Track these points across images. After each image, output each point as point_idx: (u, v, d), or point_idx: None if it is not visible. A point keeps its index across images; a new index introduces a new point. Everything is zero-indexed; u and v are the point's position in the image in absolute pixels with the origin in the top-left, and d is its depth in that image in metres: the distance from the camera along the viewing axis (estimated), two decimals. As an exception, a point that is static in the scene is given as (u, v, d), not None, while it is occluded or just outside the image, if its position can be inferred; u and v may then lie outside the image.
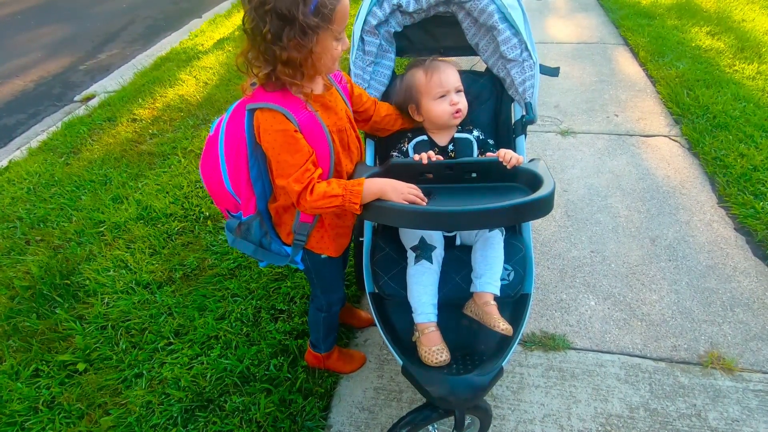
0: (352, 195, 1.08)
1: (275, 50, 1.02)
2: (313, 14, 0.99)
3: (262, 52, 1.04)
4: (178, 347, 1.88)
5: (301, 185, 1.09)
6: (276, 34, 1.00)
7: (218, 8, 5.95)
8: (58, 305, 2.10)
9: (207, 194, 2.66)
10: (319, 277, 1.45)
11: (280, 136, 1.09)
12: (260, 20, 0.99)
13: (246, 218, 1.25)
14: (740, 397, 1.63)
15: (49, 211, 2.65)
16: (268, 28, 0.99)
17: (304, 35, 1.00)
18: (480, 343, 1.26)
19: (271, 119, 1.09)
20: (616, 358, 1.78)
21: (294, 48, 1.01)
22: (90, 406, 1.71)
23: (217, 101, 3.63)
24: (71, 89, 4.28)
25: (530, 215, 1.11)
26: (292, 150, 1.09)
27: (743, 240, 2.23)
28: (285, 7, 0.96)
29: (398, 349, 1.24)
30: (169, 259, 2.28)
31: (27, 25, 5.83)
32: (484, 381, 1.13)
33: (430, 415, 1.21)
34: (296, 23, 0.98)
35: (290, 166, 1.09)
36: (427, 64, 1.41)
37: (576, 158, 2.85)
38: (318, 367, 1.76)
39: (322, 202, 1.09)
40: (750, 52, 3.80)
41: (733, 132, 2.87)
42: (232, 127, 1.17)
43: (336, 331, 1.69)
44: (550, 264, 2.18)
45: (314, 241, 1.31)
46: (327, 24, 1.02)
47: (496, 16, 1.42)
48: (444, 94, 1.38)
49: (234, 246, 1.31)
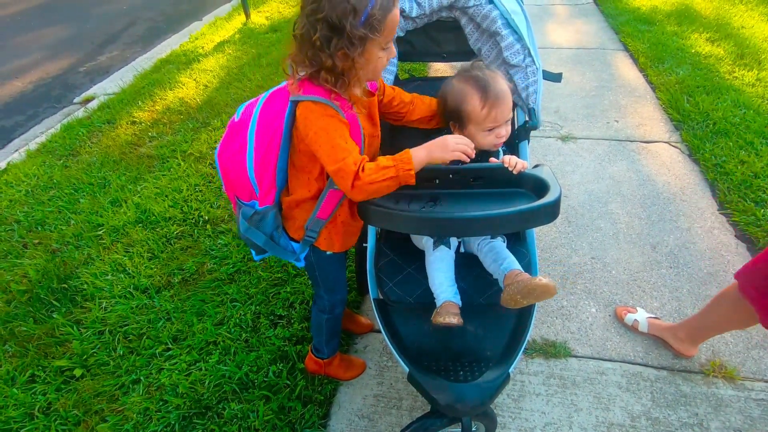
0: (402, 162, 1.08)
1: (321, 57, 1.04)
2: (363, 25, 1.01)
3: (309, 57, 1.06)
4: (177, 353, 1.87)
5: (355, 165, 1.08)
6: (324, 42, 1.02)
7: (218, 11, 5.95)
8: (55, 310, 2.08)
9: (206, 198, 2.65)
10: (322, 275, 1.44)
11: (332, 122, 1.09)
12: (311, 27, 1.02)
13: (262, 208, 1.24)
14: (742, 406, 1.62)
15: (47, 214, 2.63)
16: (318, 35, 1.01)
17: (351, 45, 1.02)
18: (486, 349, 1.25)
19: (321, 109, 1.09)
20: (617, 366, 1.77)
21: (340, 57, 1.04)
22: (87, 413, 1.69)
23: (217, 104, 3.62)
24: (70, 91, 4.26)
25: (537, 221, 1.11)
26: (344, 136, 1.10)
27: (744, 247, 2.22)
28: (336, 17, 0.99)
29: (404, 356, 1.23)
30: (168, 264, 2.27)
31: (27, 27, 5.82)
32: (492, 387, 1.12)
33: (435, 422, 1.20)
34: (344, 33, 1.00)
35: (343, 150, 1.08)
36: (489, 93, 1.26)
37: (576, 164, 2.85)
38: (318, 374, 1.74)
39: (376, 175, 1.07)
40: (749, 58, 3.81)
41: (733, 139, 2.87)
42: (267, 115, 1.16)
43: (339, 336, 1.68)
44: (550, 270, 2.17)
45: (323, 238, 1.30)
46: (375, 35, 1.03)
47: (499, 21, 1.42)
48: (494, 128, 1.30)
49: (245, 234, 1.29)
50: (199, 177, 2.83)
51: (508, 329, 1.30)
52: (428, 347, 1.25)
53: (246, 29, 5.11)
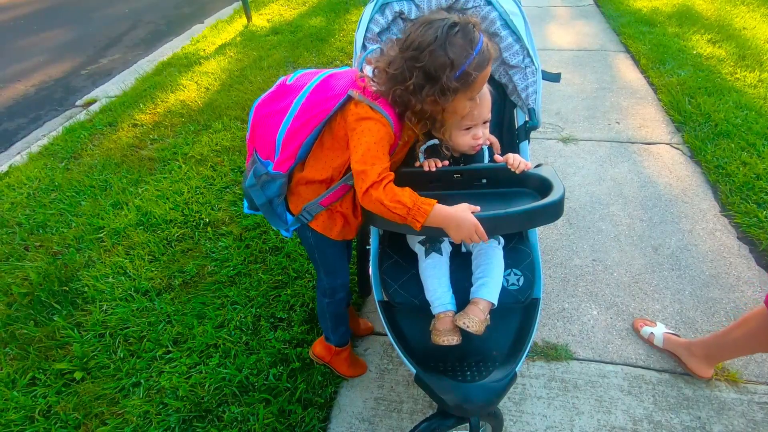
0: (418, 213, 1.08)
1: (411, 100, 1.10)
2: (457, 79, 1.05)
3: (396, 94, 1.11)
4: (177, 356, 1.87)
5: (379, 176, 1.09)
6: (417, 88, 1.07)
7: (220, 14, 5.97)
8: (56, 312, 2.09)
9: (207, 200, 2.66)
10: (322, 257, 1.45)
11: (381, 130, 1.12)
12: (407, 71, 1.07)
13: (274, 173, 1.26)
14: (745, 410, 1.61)
15: (49, 217, 2.63)
16: (413, 81, 1.07)
17: (442, 95, 1.07)
18: (492, 348, 1.25)
19: (376, 116, 1.12)
20: (619, 368, 1.76)
21: (429, 102, 1.09)
22: (87, 416, 1.69)
23: (218, 107, 3.63)
24: (73, 94, 4.28)
25: (542, 220, 1.12)
26: (384, 147, 1.13)
27: (746, 249, 2.21)
28: (434, 68, 1.04)
29: (411, 357, 1.23)
30: (169, 266, 2.27)
31: (29, 30, 5.85)
32: (499, 387, 1.12)
33: (443, 423, 1.20)
34: (439, 83, 1.05)
35: (376, 157, 1.11)
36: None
37: (578, 165, 2.84)
38: (322, 361, 1.74)
39: (389, 203, 1.08)
40: (751, 60, 3.80)
41: (735, 140, 2.86)
42: (320, 94, 1.18)
43: (346, 325, 1.66)
44: (552, 273, 2.17)
45: (320, 221, 1.33)
46: (465, 88, 1.08)
47: (497, 23, 1.42)
48: (471, 127, 1.27)
49: (248, 190, 1.31)
50: (200, 179, 2.84)
51: (513, 328, 1.30)
52: (434, 348, 1.24)
53: (247, 32, 5.13)
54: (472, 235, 1.06)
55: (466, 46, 1.04)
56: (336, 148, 1.22)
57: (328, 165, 1.24)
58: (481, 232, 1.06)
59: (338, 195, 1.28)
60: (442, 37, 1.03)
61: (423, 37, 1.04)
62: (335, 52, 4.50)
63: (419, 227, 1.08)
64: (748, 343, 1.51)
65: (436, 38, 1.03)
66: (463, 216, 1.06)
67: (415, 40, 1.06)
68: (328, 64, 4.29)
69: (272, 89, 1.25)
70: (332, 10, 5.60)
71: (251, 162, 1.32)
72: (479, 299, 1.22)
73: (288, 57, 4.43)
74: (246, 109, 3.51)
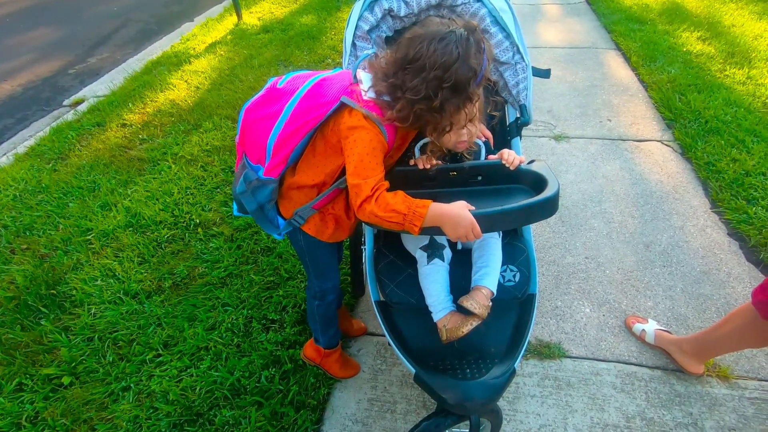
0: (414, 217, 1.07)
1: (437, 117, 1.09)
2: (477, 85, 1.08)
3: (415, 113, 1.08)
4: (167, 359, 1.84)
5: (372, 189, 1.09)
6: (442, 105, 1.07)
7: (210, 12, 5.91)
8: (43, 316, 2.05)
9: (197, 201, 2.63)
10: (312, 260, 1.44)
11: (374, 139, 1.11)
12: (432, 92, 1.05)
13: (266, 178, 1.24)
14: (736, 405, 1.62)
15: (36, 219, 2.59)
16: (440, 100, 1.05)
17: (469, 102, 1.09)
18: (490, 345, 1.25)
19: (370, 124, 1.11)
20: (611, 366, 1.76)
21: (453, 114, 1.09)
22: (75, 422, 1.66)
23: (208, 106, 3.59)
24: (60, 93, 4.21)
25: (538, 216, 1.12)
26: (377, 156, 1.12)
27: (737, 245, 2.23)
28: (462, 83, 1.04)
29: (409, 357, 1.22)
30: (158, 268, 2.24)
31: (16, 29, 5.75)
32: (499, 383, 1.12)
33: (443, 421, 1.20)
34: (465, 94, 1.06)
35: (370, 169, 1.10)
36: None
37: (570, 163, 2.85)
38: (314, 363, 1.73)
39: (383, 215, 1.08)
40: (740, 57, 3.83)
41: (725, 137, 2.88)
42: (312, 99, 1.16)
43: (335, 326, 1.65)
44: (545, 270, 2.17)
45: (312, 224, 1.32)
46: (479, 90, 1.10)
47: (487, 19, 1.42)
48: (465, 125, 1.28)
49: (239, 197, 1.29)
50: (190, 180, 2.80)
51: (511, 324, 1.30)
52: (433, 347, 1.24)
53: (238, 30, 5.08)
54: (469, 233, 1.06)
55: (479, 53, 1.05)
56: (329, 155, 1.20)
57: (321, 171, 1.22)
58: (477, 230, 1.06)
59: (330, 198, 1.28)
60: (465, 53, 1.02)
61: (444, 56, 1.02)
62: (327, 50, 4.47)
63: (417, 231, 1.08)
64: (737, 339, 1.52)
65: (459, 55, 1.02)
66: (460, 213, 1.05)
67: (436, 61, 1.02)
68: (319, 62, 4.27)
69: (262, 92, 1.23)
70: (323, 8, 5.57)
71: (241, 166, 1.30)
72: (482, 286, 1.22)
73: (279, 55, 4.40)
74: (237, 108, 3.47)
